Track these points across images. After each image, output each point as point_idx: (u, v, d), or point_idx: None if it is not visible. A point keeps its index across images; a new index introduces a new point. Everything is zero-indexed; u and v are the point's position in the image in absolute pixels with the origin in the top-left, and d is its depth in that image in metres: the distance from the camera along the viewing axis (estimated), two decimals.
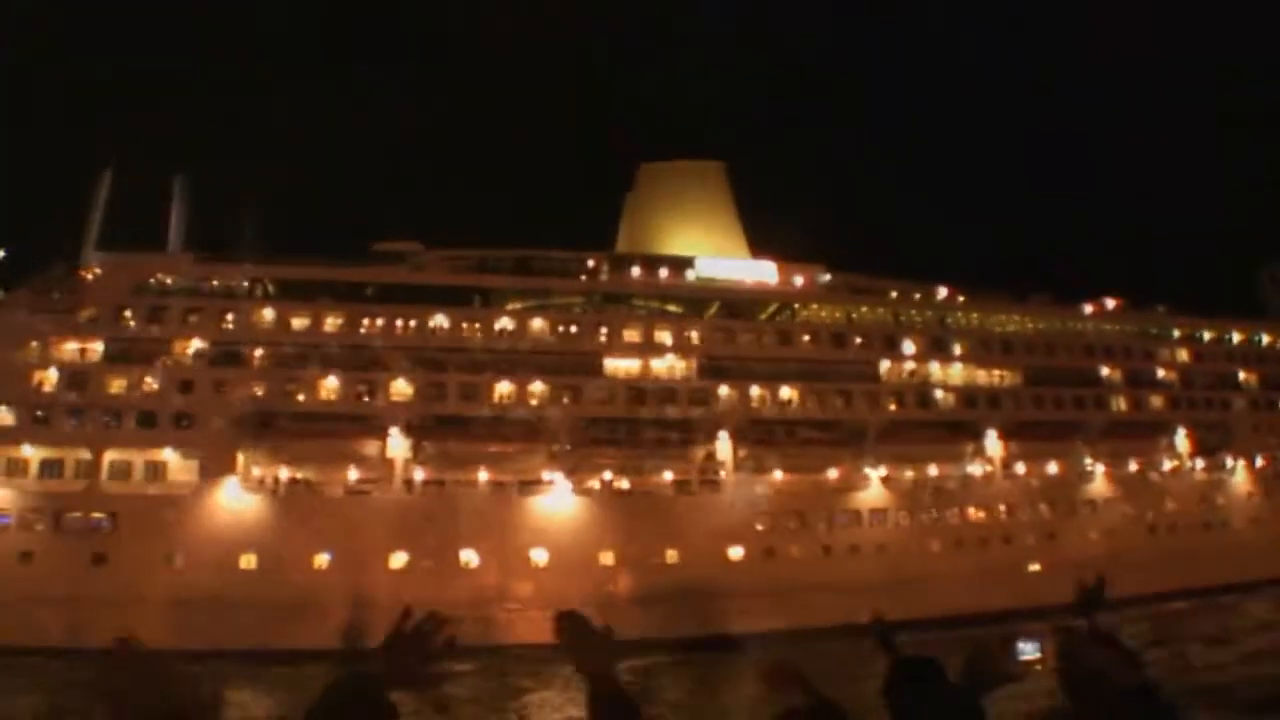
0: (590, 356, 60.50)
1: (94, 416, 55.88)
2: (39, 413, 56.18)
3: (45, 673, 40.95)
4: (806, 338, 63.48)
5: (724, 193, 71.51)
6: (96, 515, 54.83)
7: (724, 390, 60.80)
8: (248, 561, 54.11)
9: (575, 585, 54.43)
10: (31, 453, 56.11)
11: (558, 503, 57.20)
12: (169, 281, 59.84)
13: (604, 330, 61.12)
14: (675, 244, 68.73)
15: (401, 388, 57.88)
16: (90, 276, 59.29)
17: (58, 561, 52.86)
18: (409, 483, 56.74)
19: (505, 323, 60.27)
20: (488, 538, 55.41)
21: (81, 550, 53.52)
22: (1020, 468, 64.04)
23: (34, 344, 57.13)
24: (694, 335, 62.05)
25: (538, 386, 58.98)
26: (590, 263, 65.97)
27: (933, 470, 62.97)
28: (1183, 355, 73.76)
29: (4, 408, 56.00)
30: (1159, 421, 68.78)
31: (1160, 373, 71.89)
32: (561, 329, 60.72)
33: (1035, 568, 60.94)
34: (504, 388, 58.78)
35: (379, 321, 59.21)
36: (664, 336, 61.79)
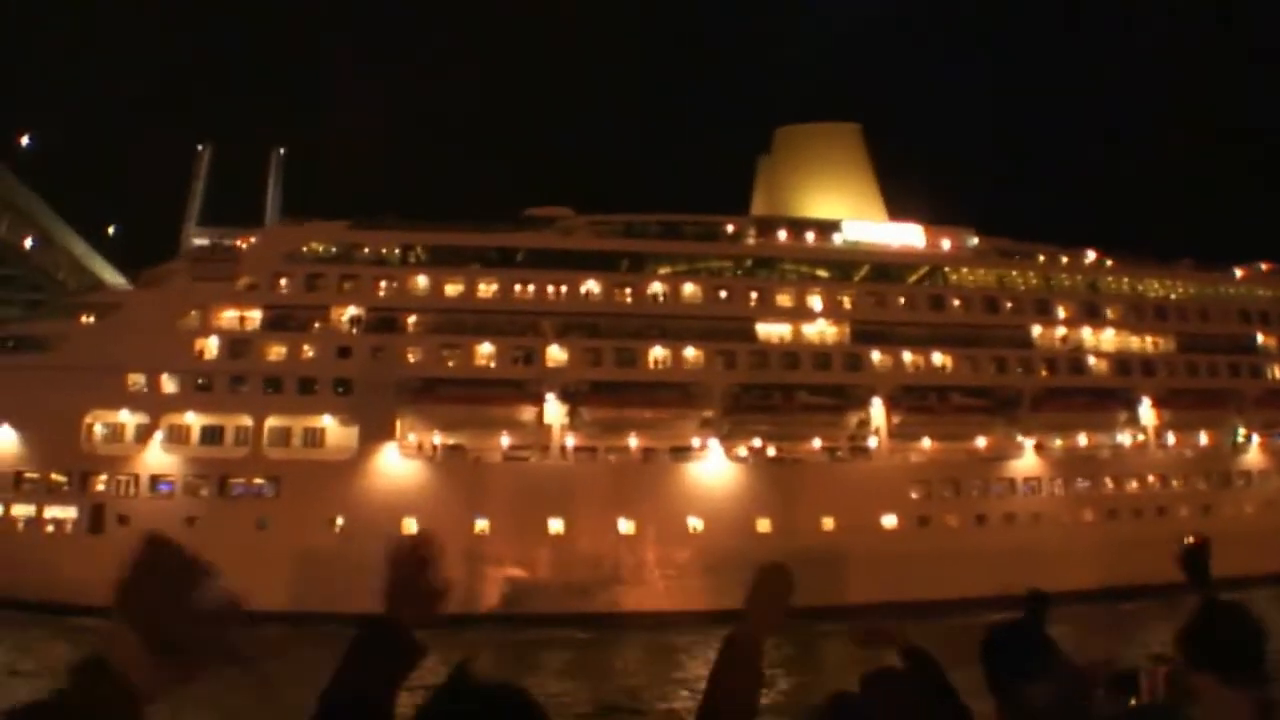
0: (742, 321, 58.88)
1: (255, 383, 55.44)
2: (201, 380, 56.02)
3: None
4: (958, 302, 61.42)
5: (861, 155, 69.23)
6: (258, 481, 54.74)
7: (876, 356, 59.13)
8: (406, 526, 53.76)
9: (732, 553, 53.54)
10: (193, 420, 55.81)
11: (713, 469, 56.05)
12: (320, 249, 59.05)
13: (755, 295, 59.48)
14: (813, 207, 66.63)
15: (557, 354, 56.81)
16: (246, 245, 58.65)
17: (222, 526, 52.68)
18: (565, 449, 55.94)
19: (657, 288, 58.90)
20: (645, 505, 54.42)
21: (245, 515, 53.32)
22: (1172, 437, 62.04)
23: (194, 313, 56.73)
24: (846, 300, 60.29)
25: (690, 352, 57.67)
26: (731, 227, 64.41)
27: (1083, 439, 61.12)
28: None
29: (167, 376, 55.83)
30: None
31: None
32: (713, 294, 59.27)
33: (1190, 540, 59.02)
34: (658, 353, 57.47)
35: (530, 287, 58.04)
36: (815, 301, 60.06)
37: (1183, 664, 3.45)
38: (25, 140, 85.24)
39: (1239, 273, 69.34)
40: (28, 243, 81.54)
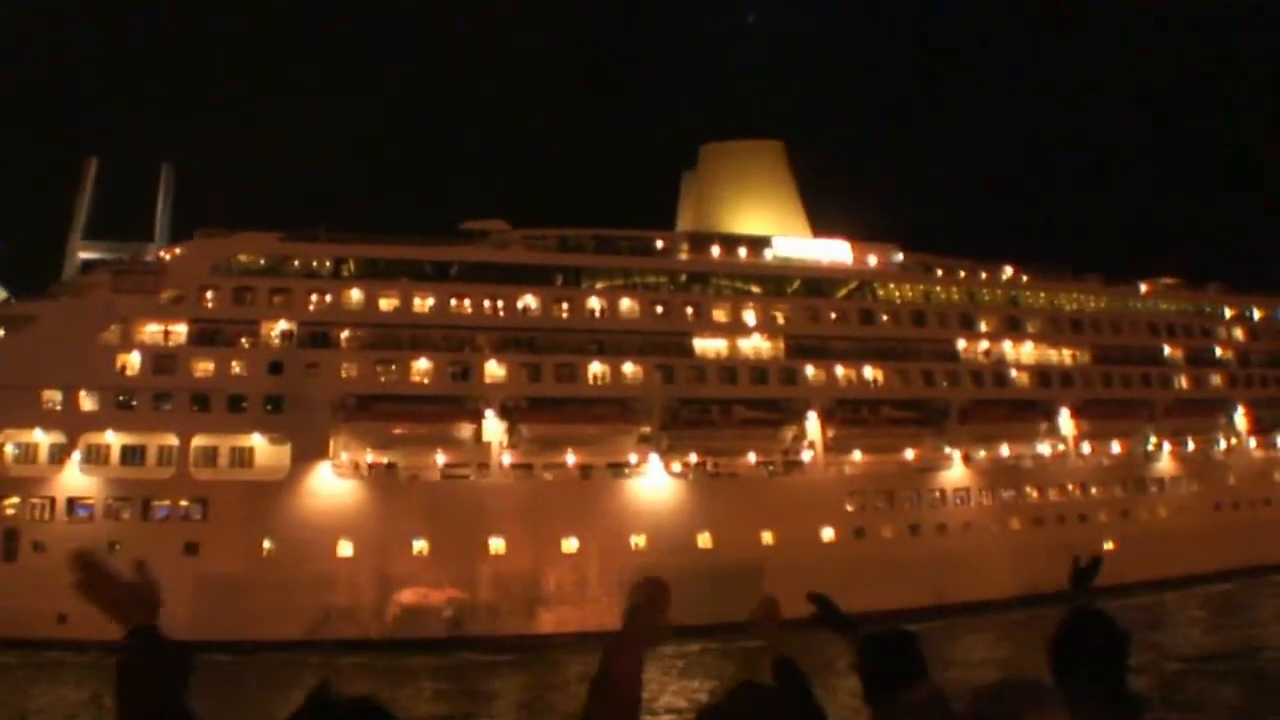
0: (679, 336, 58.53)
1: (180, 401, 52.89)
2: (122, 397, 53.21)
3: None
4: (886, 317, 62.26)
5: (784, 171, 69.84)
6: (184, 503, 52.20)
7: (810, 370, 59.49)
8: (344, 549, 51.88)
9: (674, 570, 53.16)
10: (113, 439, 52.90)
11: (653, 485, 55.63)
12: (248, 262, 56.79)
13: (691, 310, 59.21)
14: (739, 223, 66.87)
15: (495, 369, 55.65)
16: (170, 256, 56.06)
17: (147, 552, 49.89)
18: (502, 466, 54.83)
19: (594, 303, 58.25)
20: (586, 522, 53.66)
21: (171, 539, 50.75)
22: (1087, 447, 64.03)
23: (115, 326, 53.90)
24: (780, 314, 60.57)
25: (629, 367, 57.18)
26: (662, 243, 64.24)
27: (1005, 450, 62.60)
28: (1238, 333, 74.09)
29: (86, 392, 52.85)
30: (1219, 399, 69.36)
31: (1219, 351, 72.15)
32: (650, 309, 58.86)
33: (1110, 546, 60.99)
34: (596, 368, 56.83)
35: (466, 302, 56.80)
36: (749, 316, 60.19)
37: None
38: None
39: (1144, 287, 72.24)
40: None
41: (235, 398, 52.90)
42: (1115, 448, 64.54)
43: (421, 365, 54.98)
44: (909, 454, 60.58)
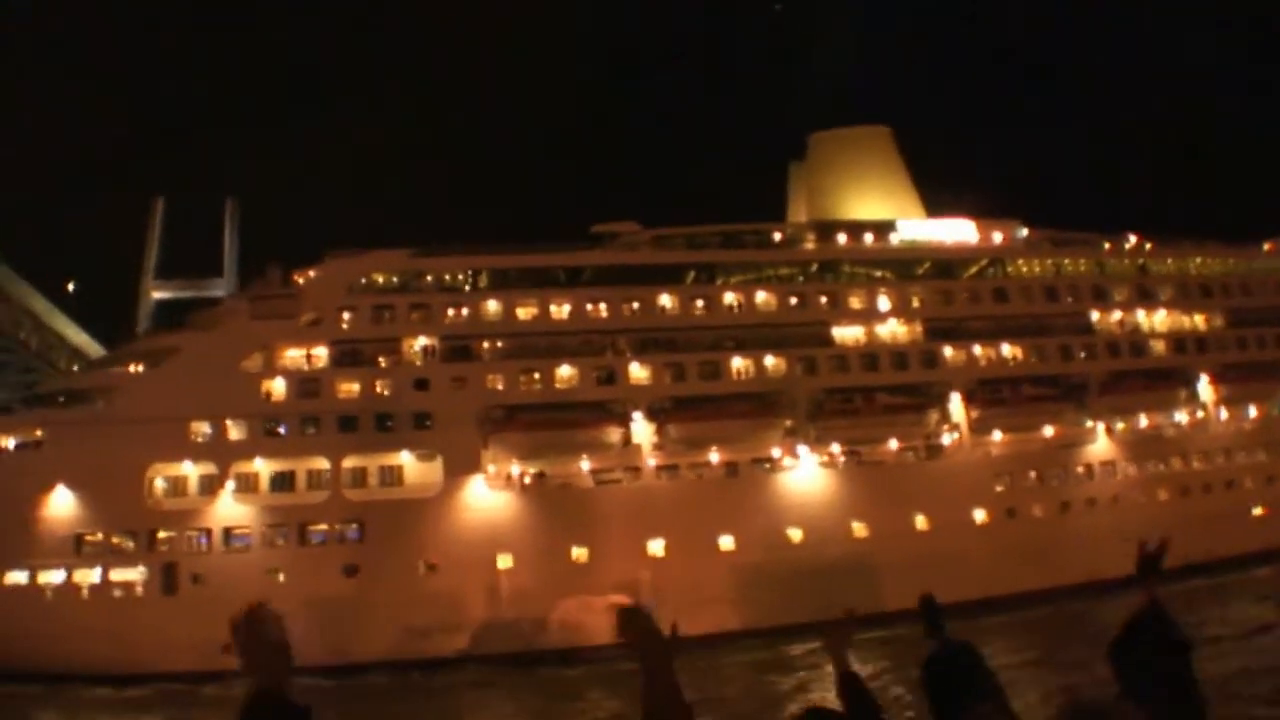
0: (818, 326, 56.70)
1: (329, 423, 51.60)
2: (270, 424, 52.00)
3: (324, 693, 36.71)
4: (1019, 294, 60.41)
5: (894, 156, 67.91)
6: (340, 526, 50.91)
7: (949, 351, 57.77)
8: (503, 561, 50.45)
9: (834, 560, 51.58)
10: (263, 466, 51.72)
11: (805, 477, 54.07)
12: (380, 280, 55.44)
13: (826, 299, 57.59)
14: (853, 210, 65.00)
15: (638, 372, 54.17)
16: (304, 280, 54.71)
17: (308, 576, 48.84)
18: (657, 468, 53.37)
19: (730, 298, 56.62)
20: (743, 519, 52.16)
21: (330, 563, 49.59)
22: (1224, 413, 62.05)
23: (257, 354, 52.67)
24: (915, 298, 58.87)
25: (770, 360, 55.67)
26: (778, 235, 62.69)
27: (1143, 420, 60.73)
28: None
29: (234, 421, 51.63)
30: None
31: None
32: (785, 301, 57.17)
33: (1259, 512, 59.12)
34: (738, 364, 55.33)
35: (603, 306, 55.29)
36: (884, 301, 58.65)
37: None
38: None
39: (1267, 247, 70.09)
40: None
41: (383, 417, 51.53)
42: (1252, 411, 62.51)
43: (565, 372, 53.49)
44: (1048, 430, 58.79)
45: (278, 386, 52.06)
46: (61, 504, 50.33)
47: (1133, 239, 65.35)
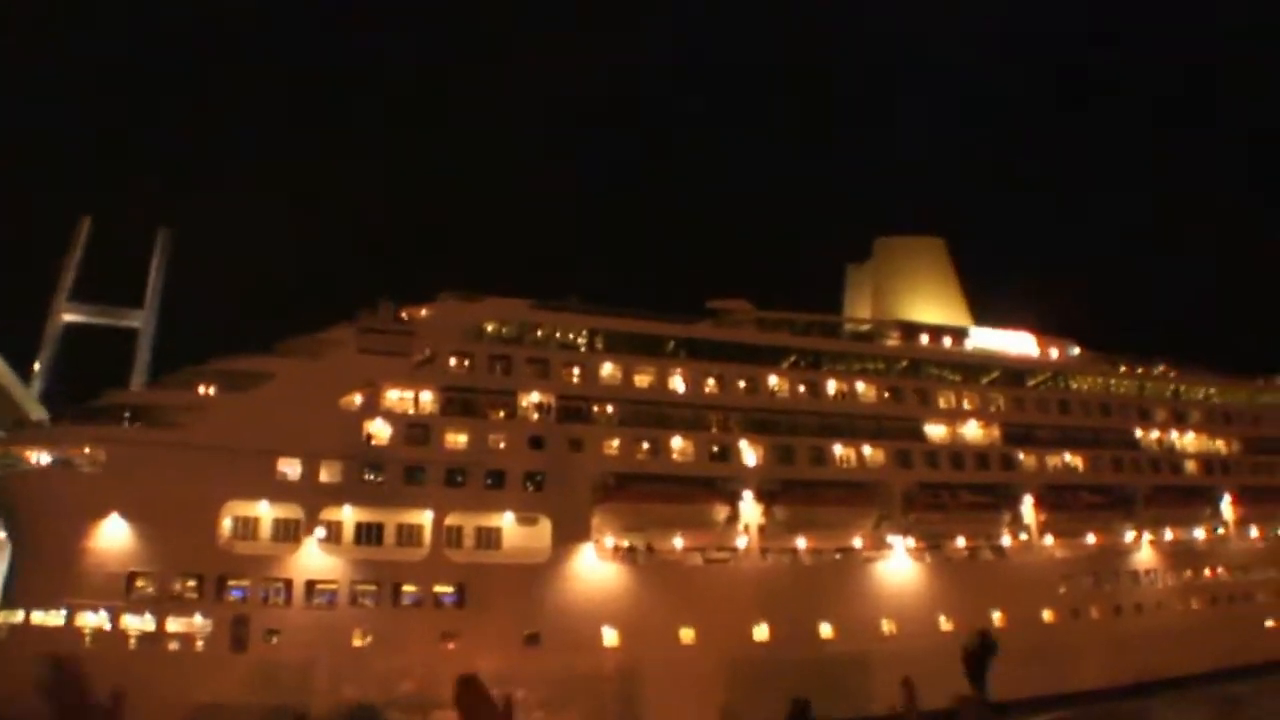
0: (911, 422, 56.13)
1: (435, 474, 46.34)
2: (368, 470, 46.12)
3: None
4: (1080, 407, 62.16)
5: (948, 265, 69.65)
6: (438, 589, 45.31)
7: (1022, 456, 58.49)
8: (609, 637, 46.26)
9: (922, 652, 50.16)
10: (349, 515, 45.86)
11: (897, 568, 52.65)
12: (490, 329, 50.98)
13: (917, 396, 57.40)
14: (914, 312, 65.42)
15: (749, 450, 51.64)
16: (417, 318, 49.59)
17: (400, 642, 43.14)
18: (761, 550, 50.71)
19: (832, 386, 55.37)
20: (841, 606, 50.07)
21: (427, 628, 44.05)
22: (1250, 529, 65.17)
23: (359, 391, 47.03)
24: (995, 403, 59.52)
25: (867, 450, 54.49)
26: (865, 328, 62.61)
27: (1169, 534, 63.00)
28: None
29: (327, 462, 45.60)
30: None
31: None
32: (883, 394, 56.38)
33: (1270, 623, 62.08)
34: (839, 451, 53.75)
35: (710, 381, 52.82)
36: (969, 403, 58.92)
37: None
38: None
39: None
40: None
41: (495, 473, 46.86)
42: (1253, 531, 66.06)
43: (677, 444, 50.47)
44: (1090, 538, 59.98)
45: (380, 429, 46.62)
46: (114, 536, 42.85)
47: (1161, 366, 68.75)
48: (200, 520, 43.09)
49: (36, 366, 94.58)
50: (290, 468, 45.01)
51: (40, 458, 45.21)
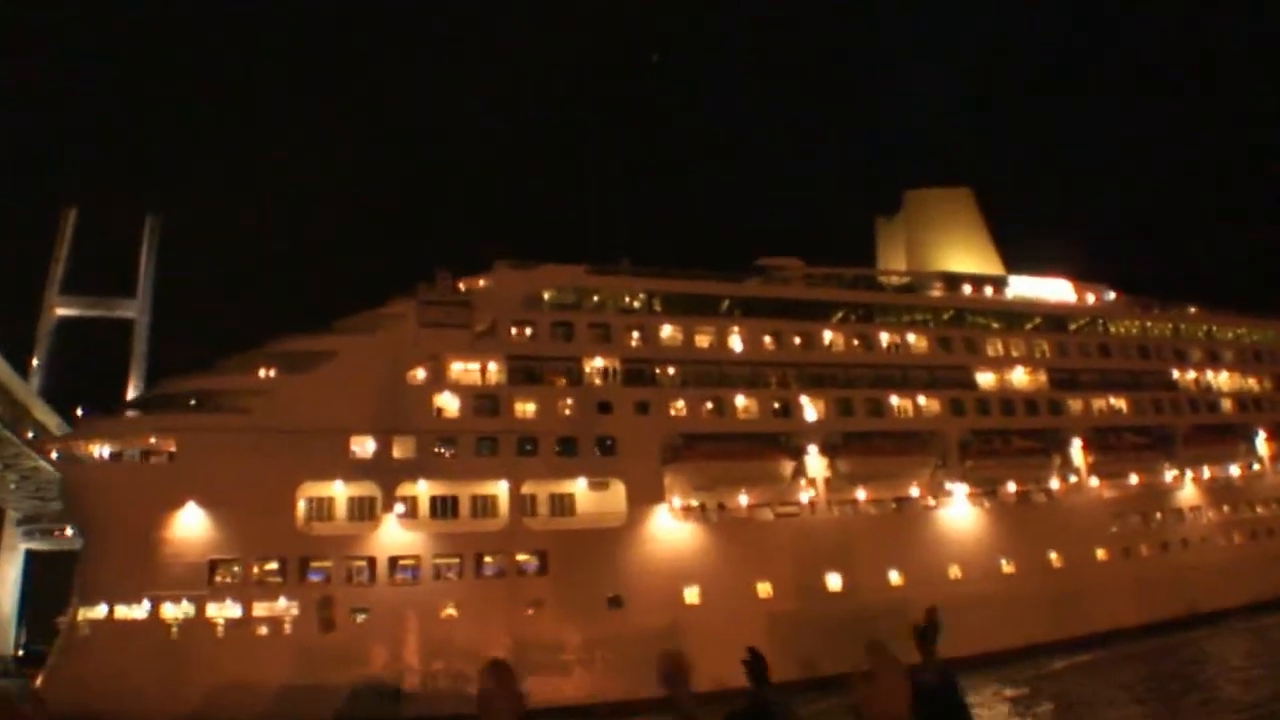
0: (961, 371, 56.77)
1: (508, 445, 46.34)
2: (440, 444, 46.01)
3: None
4: (1120, 350, 63.22)
5: (977, 215, 70.22)
6: (521, 557, 45.50)
7: (1068, 401, 59.53)
8: (690, 595, 46.70)
9: (988, 596, 51.17)
10: (424, 489, 45.78)
11: (959, 515, 53.50)
12: (546, 297, 50.89)
13: (966, 345, 58.13)
14: (948, 262, 66.13)
15: (810, 405, 52.16)
16: (475, 289, 49.32)
17: (490, 611, 43.27)
18: (827, 502, 51.31)
19: (886, 337, 55.92)
20: (909, 554, 50.75)
21: (515, 597, 44.21)
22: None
23: (423, 365, 46.79)
24: (1041, 349, 60.38)
25: (923, 400, 55.13)
26: (906, 280, 63.12)
27: (1206, 471, 64.36)
28: None
29: (401, 439, 45.43)
30: None
31: None
32: (935, 344, 56.99)
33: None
34: (896, 402, 54.37)
35: (768, 338, 53.16)
36: (1015, 350, 59.75)
37: None
38: None
39: None
40: None
41: (567, 440, 46.96)
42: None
43: (741, 403, 50.84)
44: (1133, 478, 61.19)
45: (448, 402, 46.48)
46: (192, 525, 42.60)
47: (1193, 308, 69.98)
48: (277, 503, 42.88)
49: (35, 362, 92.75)
50: (363, 446, 44.75)
51: (102, 451, 44.75)
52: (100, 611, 41.68)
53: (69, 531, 75.44)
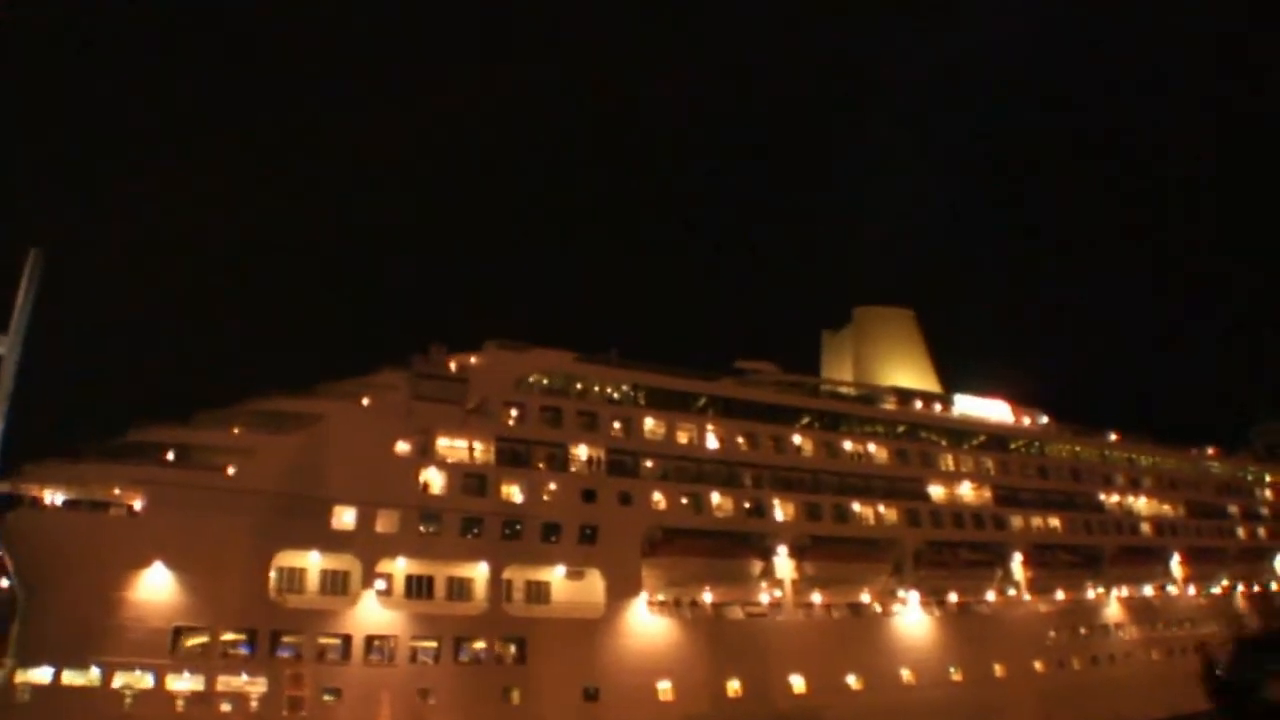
0: (916, 482, 60.07)
1: (493, 526, 46.39)
2: (424, 520, 45.55)
3: None
4: (1056, 472, 67.90)
5: (918, 335, 75.21)
6: (498, 644, 44.85)
7: (1011, 516, 63.28)
8: (663, 690, 46.93)
9: (937, 703, 53.34)
10: (402, 567, 45.17)
11: (912, 622, 55.73)
12: (532, 380, 51.69)
13: (921, 458, 61.51)
14: (890, 378, 70.79)
15: (781, 507, 54.00)
16: (467, 366, 49.71)
17: (462, 699, 42.59)
18: (794, 603, 52.72)
19: (849, 446, 58.74)
20: (866, 658, 52.52)
21: (490, 684, 43.64)
22: (1190, 588, 71.89)
23: (412, 438, 46.60)
24: (989, 466, 64.32)
25: (882, 509, 57.82)
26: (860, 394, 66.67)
27: (1124, 590, 68.90)
28: (1268, 494, 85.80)
29: (385, 512, 44.81)
30: (1264, 548, 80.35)
31: (1263, 509, 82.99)
32: (894, 455, 60.17)
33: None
34: (857, 508, 56.85)
35: (740, 438, 55.17)
36: (964, 466, 63.47)
37: None
38: None
39: (1210, 451, 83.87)
40: None
41: (550, 526, 47.43)
42: (1190, 590, 73.04)
43: (716, 500, 52.40)
44: (1060, 595, 65.03)
45: (434, 478, 46.48)
46: (158, 586, 40.64)
47: (1113, 436, 75.91)
48: (251, 570, 41.59)
49: None
50: (343, 516, 44.08)
51: (55, 498, 42.47)
52: (44, 675, 38.95)
53: None
